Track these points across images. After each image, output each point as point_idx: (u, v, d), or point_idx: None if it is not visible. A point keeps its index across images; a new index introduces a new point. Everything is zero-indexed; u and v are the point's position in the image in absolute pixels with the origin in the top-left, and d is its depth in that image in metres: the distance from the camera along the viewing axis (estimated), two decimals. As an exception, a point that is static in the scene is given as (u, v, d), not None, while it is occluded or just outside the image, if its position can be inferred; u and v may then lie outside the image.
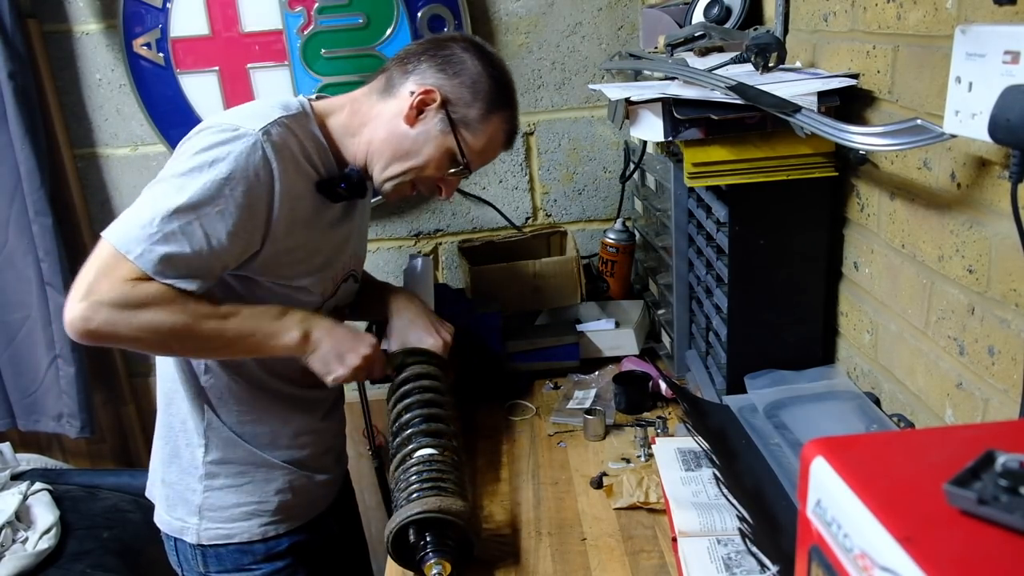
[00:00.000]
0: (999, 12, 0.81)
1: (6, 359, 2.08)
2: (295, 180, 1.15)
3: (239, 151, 1.08)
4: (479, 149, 1.26)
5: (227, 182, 1.08)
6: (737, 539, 1.03)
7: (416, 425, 1.22)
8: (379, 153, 1.24)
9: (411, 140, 1.22)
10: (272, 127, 1.12)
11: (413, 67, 1.23)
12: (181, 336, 1.10)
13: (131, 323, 1.06)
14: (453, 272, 2.18)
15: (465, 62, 1.23)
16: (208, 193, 1.07)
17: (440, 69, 1.22)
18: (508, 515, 1.24)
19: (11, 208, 1.95)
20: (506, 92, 1.27)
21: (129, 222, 1.06)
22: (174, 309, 1.07)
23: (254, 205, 1.11)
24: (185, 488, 1.30)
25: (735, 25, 1.49)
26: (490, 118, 1.24)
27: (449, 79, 1.22)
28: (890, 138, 0.92)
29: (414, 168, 1.24)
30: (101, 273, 1.05)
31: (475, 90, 1.23)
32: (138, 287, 1.05)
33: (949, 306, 0.98)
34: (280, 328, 1.16)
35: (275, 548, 1.33)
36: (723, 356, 1.34)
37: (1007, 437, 0.55)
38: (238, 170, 1.08)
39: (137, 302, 1.05)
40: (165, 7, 1.91)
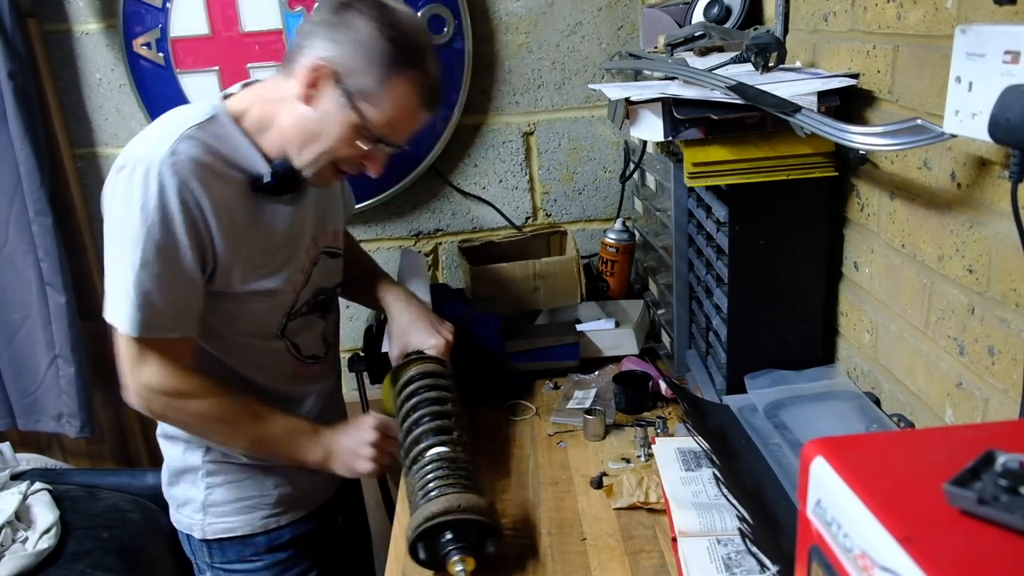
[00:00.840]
0: (999, 12, 0.81)
1: (6, 359, 2.08)
2: (220, 189, 1.14)
3: (157, 186, 1.08)
4: (387, 119, 1.15)
5: (164, 220, 1.09)
6: (737, 539, 1.03)
7: (426, 423, 1.22)
8: (289, 141, 1.17)
9: (314, 122, 1.15)
10: (178, 145, 1.10)
11: (308, 40, 1.14)
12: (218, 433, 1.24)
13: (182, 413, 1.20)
14: (453, 272, 2.18)
15: (356, 26, 1.11)
16: (156, 240, 1.09)
17: (330, 38, 1.12)
18: (508, 515, 1.24)
19: (11, 208, 1.94)
20: (408, 51, 1.13)
21: (112, 301, 1.13)
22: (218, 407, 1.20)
23: (194, 227, 1.12)
24: (189, 487, 1.33)
25: (735, 25, 1.49)
26: (391, 83, 1.12)
27: (339, 47, 1.12)
28: (890, 138, 0.92)
29: (325, 151, 1.17)
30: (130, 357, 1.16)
31: (368, 56, 1.11)
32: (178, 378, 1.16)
33: (949, 306, 0.98)
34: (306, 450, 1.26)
35: (277, 540, 1.35)
36: (723, 356, 1.34)
37: (1007, 437, 0.55)
38: (166, 203, 1.09)
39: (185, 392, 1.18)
40: (165, 7, 1.91)
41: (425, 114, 1.20)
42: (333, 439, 1.26)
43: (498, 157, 2.10)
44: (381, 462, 1.27)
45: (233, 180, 1.16)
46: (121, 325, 1.12)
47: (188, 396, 1.17)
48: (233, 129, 1.18)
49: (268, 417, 1.23)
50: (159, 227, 1.09)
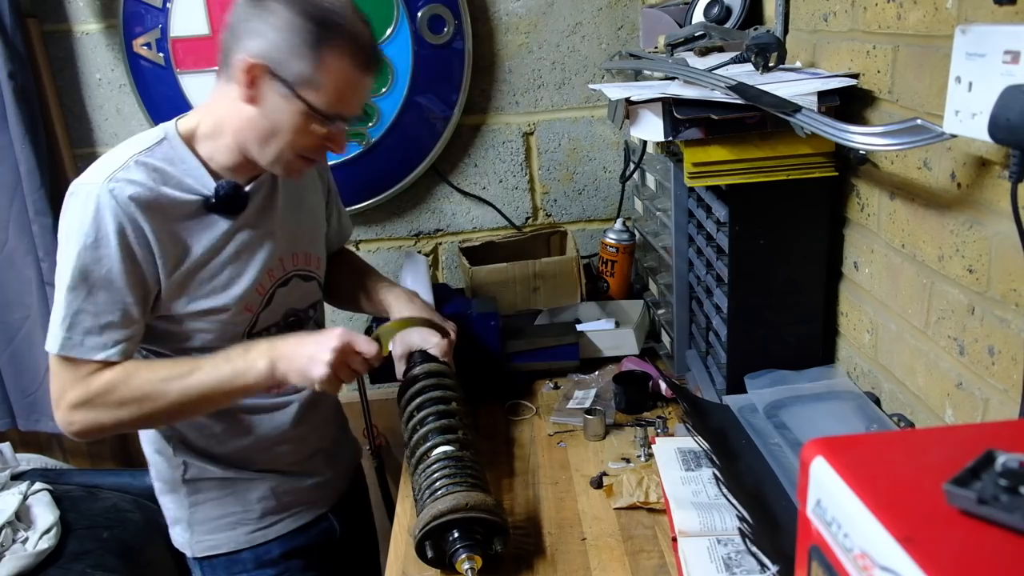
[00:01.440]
0: (999, 12, 0.81)
1: (6, 359, 2.08)
2: (166, 216, 1.13)
3: (94, 211, 1.09)
4: (333, 96, 1.12)
5: (96, 244, 1.10)
6: (737, 539, 1.03)
7: (431, 422, 1.22)
8: (246, 143, 1.15)
9: (264, 119, 1.13)
10: (120, 171, 1.11)
11: (234, 39, 1.11)
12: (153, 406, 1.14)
13: (106, 412, 1.14)
14: (453, 272, 2.18)
15: (274, 11, 1.08)
16: (84, 260, 1.10)
17: (254, 32, 1.09)
18: (509, 515, 1.24)
19: (11, 208, 1.94)
20: (326, 22, 1.09)
21: (53, 327, 1.13)
22: (134, 383, 1.13)
23: (132, 256, 1.11)
24: (176, 507, 1.34)
25: (735, 25, 1.49)
26: (323, 61, 1.09)
27: (265, 39, 1.08)
28: (890, 138, 0.92)
29: (284, 145, 1.14)
30: (59, 382, 1.14)
31: (292, 41, 1.08)
32: (92, 380, 1.12)
33: (949, 306, 0.98)
34: (245, 365, 1.14)
35: (265, 554, 1.33)
36: (723, 356, 1.34)
37: (1007, 437, 0.55)
38: (100, 230, 1.09)
39: (97, 392, 1.12)
40: (165, 7, 1.91)
41: (366, 77, 1.16)
42: (281, 344, 1.16)
43: (498, 157, 2.10)
44: (340, 374, 1.15)
45: (180, 201, 1.15)
46: (51, 345, 1.12)
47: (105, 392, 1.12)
48: (183, 150, 1.17)
49: (192, 366, 1.14)
50: (90, 251, 1.09)
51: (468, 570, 1.05)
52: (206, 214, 1.17)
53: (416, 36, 1.93)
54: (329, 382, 1.14)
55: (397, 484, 1.42)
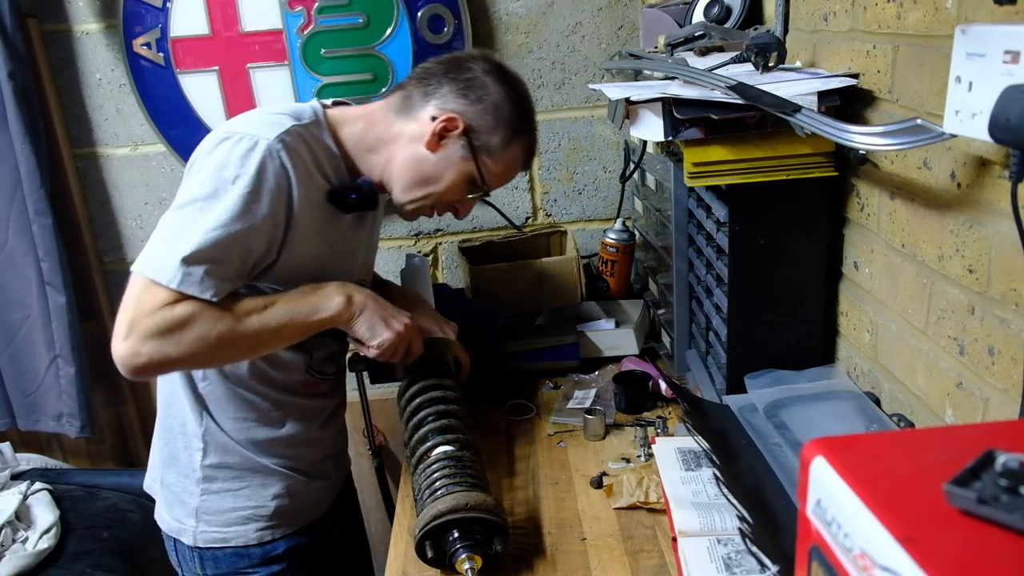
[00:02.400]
0: (999, 12, 0.81)
1: (6, 359, 2.08)
2: (310, 189, 1.15)
3: (257, 163, 1.09)
4: (499, 173, 1.26)
5: (251, 196, 1.08)
6: (737, 539, 1.03)
7: (431, 422, 1.22)
8: (399, 176, 1.23)
9: (431, 165, 1.21)
10: (286, 135, 1.12)
11: (434, 89, 1.21)
12: (228, 341, 1.10)
13: (179, 345, 1.07)
14: (453, 272, 2.18)
15: (487, 86, 1.21)
16: (234, 211, 1.07)
17: (462, 94, 1.20)
18: (508, 515, 1.24)
19: (11, 208, 1.94)
20: (528, 116, 1.26)
21: (157, 249, 1.08)
22: (215, 318, 1.08)
23: (276, 215, 1.11)
24: (183, 491, 1.31)
25: (735, 25, 1.49)
26: (512, 144, 1.24)
27: (471, 105, 1.20)
28: (890, 138, 0.92)
29: (434, 194, 1.24)
30: (137, 307, 1.06)
31: (497, 116, 1.21)
32: (175, 309, 1.06)
33: (949, 306, 0.98)
34: (321, 299, 1.17)
35: (271, 552, 1.33)
36: (723, 356, 1.34)
37: (1007, 437, 0.55)
38: (260, 182, 1.09)
39: (177, 323, 1.06)
40: (165, 7, 1.91)
41: (522, 172, 1.36)
42: (363, 292, 1.21)
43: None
44: (398, 348, 1.23)
45: (319, 184, 1.18)
46: (161, 275, 1.05)
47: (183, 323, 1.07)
48: (330, 138, 1.21)
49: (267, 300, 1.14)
50: (244, 200, 1.08)
51: (468, 570, 1.05)
52: (327, 204, 1.20)
53: (416, 36, 1.93)
54: (389, 346, 1.22)
55: (397, 484, 1.42)
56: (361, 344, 1.23)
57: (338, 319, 1.18)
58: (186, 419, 1.28)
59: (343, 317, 1.18)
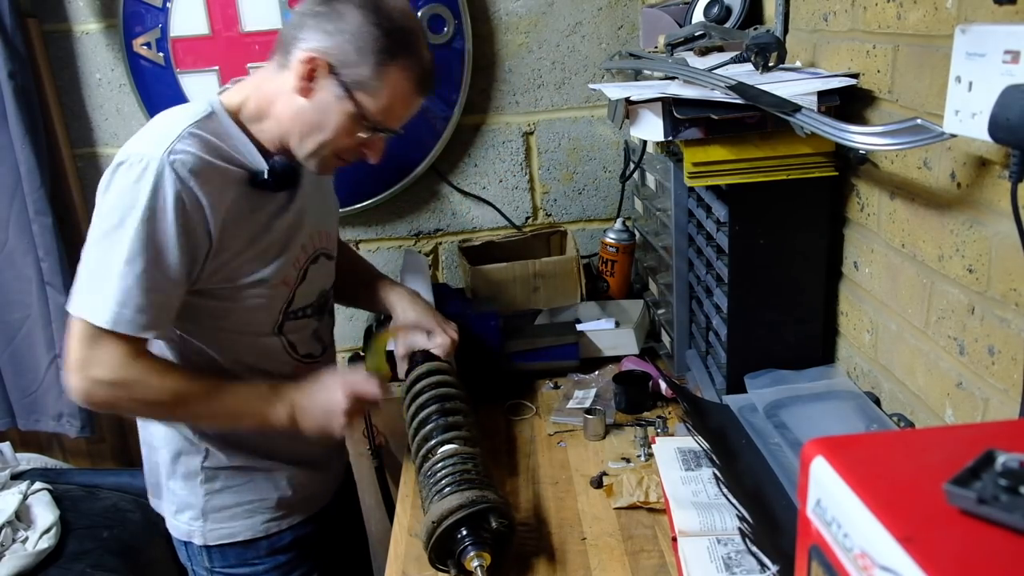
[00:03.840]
0: (999, 12, 0.81)
1: (6, 359, 2.08)
2: (219, 187, 1.13)
3: (151, 187, 1.08)
4: (384, 107, 1.16)
5: (154, 218, 1.08)
6: (737, 539, 1.03)
7: (435, 421, 1.22)
8: (289, 132, 1.18)
9: (312, 113, 1.15)
10: (177, 143, 1.10)
11: (298, 31, 1.14)
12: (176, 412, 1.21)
13: (129, 402, 1.16)
14: (453, 272, 2.18)
15: (344, 16, 1.12)
16: (144, 237, 1.08)
17: (323, 30, 1.12)
18: (508, 515, 1.24)
19: (11, 208, 1.94)
20: (399, 38, 1.14)
21: (86, 291, 1.11)
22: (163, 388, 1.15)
23: (188, 228, 1.11)
24: (188, 494, 1.31)
25: (735, 25, 1.49)
26: (386, 71, 1.13)
27: (333, 38, 1.12)
28: (890, 138, 0.92)
29: (325, 142, 1.17)
30: (88, 352, 1.10)
31: (360, 46, 1.11)
32: (130, 366, 1.11)
33: (949, 306, 0.98)
34: (267, 411, 1.20)
35: (278, 542, 1.34)
36: (723, 356, 1.34)
37: (1007, 437, 0.55)
38: (156, 204, 1.08)
39: (129, 383, 1.12)
40: (165, 7, 1.90)
41: (420, 99, 1.21)
42: (299, 397, 1.21)
43: (498, 157, 2.10)
44: (355, 417, 1.23)
45: (231, 175, 1.16)
46: (94, 316, 1.09)
47: (135, 384, 1.12)
48: (230, 124, 1.18)
49: (220, 390, 1.19)
50: (150, 225, 1.08)
51: (477, 568, 1.04)
52: (251, 189, 1.18)
53: (416, 36, 1.93)
54: (345, 427, 1.23)
55: (397, 484, 1.43)
56: None
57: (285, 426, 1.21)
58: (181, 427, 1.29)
59: (291, 425, 1.21)
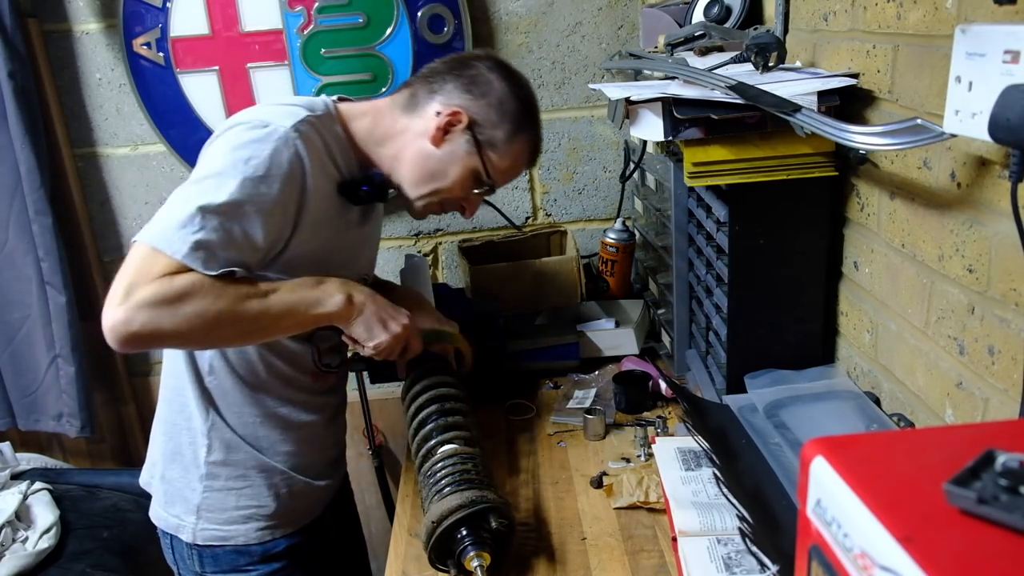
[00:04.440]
0: (999, 12, 0.81)
1: (6, 359, 2.08)
2: (322, 180, 1.16)
3: (273, 148, 1.09)
4: (504, 169, 1.26)
5: (263, 180, 1.08)
6: (737, 539, 1.03)
7: (434, 421, 1.22)
8: (407, 171, 1.24)
9: (437, 160, 1.22)
10: (302, 124, 1.13)
11: (439, 86, 1.23)
12: (226, 321, 1.07)
13: (174, 318, 1.02)
14: (453, 272, 2.18)
15: (491, 82, 1.23)
16: (245, 191, 1.07)
17: (466, 89, 1.22)
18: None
19: (11, 207, 1.94)
20: (532, 112, 1.27)
21: (163, 221, 1.05)
22: (215, 295, 1.04)
23: (287, 202, 1.11)
24: (184, 486, 1.30)
25: (735, 25, 1.49)
26: (516, 139, 1.24)
27: (475, 100, 1.22)
28: (890, 138, 0.92)
29: (440, 189, 1.25)
30: (137, 274, 1.02)
31: (501, 111, 1.22)
32: (176, 280, 1.02)
33: (949, 306, 0.98)
34: (323, 294, 1.15)
35: (272, 550, 1.33)
36: (723, 356, 1.34)
37: (1007, 437, 0.55)
38: (273, 167, 1.09)
39: (177, 295, 1.02)
40: (165, 7, 1.90)
41: (528, 168, 1.36)
42: (363, 291, 1.19)
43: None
44: (394, 348, 1.23)
45: (331, 175, 1.19)
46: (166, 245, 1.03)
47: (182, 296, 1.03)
48: (340, 130, 1.23)
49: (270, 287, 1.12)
50: (255, 182, 1.07)
51: (477, 568, 1.04)
52: (337, 195, 1.21)
53: (416, 36, 1.93)
54: (386, 348, 1.21)
55: (397, 484, 1.42)
56: (356, 343, 1.22)
57: (338, 317, 1.17)
58: (191, 414, 1.27)
59: (343, 315, 1.17)
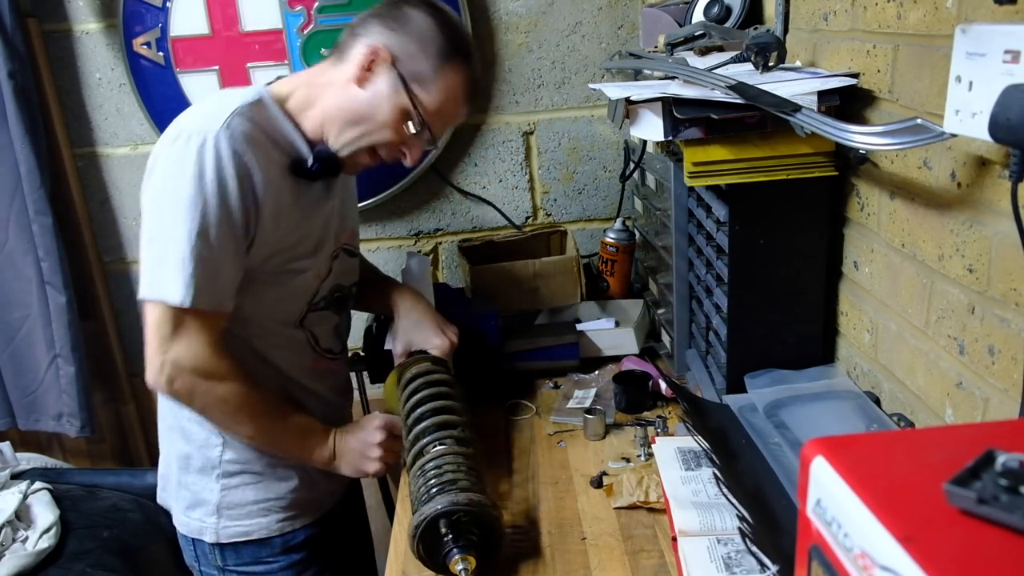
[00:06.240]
0: (999, 11, 0.81)
1: (6, 359, 2.08)
2: (267, 168, 1.16)
3: (214, 156, 1.10)
4: (436, 106, 1.21)
5: (220, 191, 1.10)
6: (737, 539, 1.03)
7: (428, 422, 1.22)
8: (332, 120, 1.21)
9: (362, 102, 1.19)
10: (231, 119, 1.13)
11: (362, 29, 1.21)
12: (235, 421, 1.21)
13: (207, 392, 1.16)
14: (453, 272, 2.18)
15: (415, 18, 1.20)
16: (211, 210, 1.10)
17: (389, 27, 1.19)
18: (508, 515, 1.24)
19: (11, 207, 1.94)
20: (459, 43, 1.22)
21: (161, 273, 1.10)
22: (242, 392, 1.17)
23: (244, 199, 1.13)
24: (203, 488, 1.31)
25: (735, 24, 1.49)
26: (443, 71, 1.19)
27: (398, 35, 1.19)
28: (890, 137, 0.92)
29: (369, 131, 1.21)
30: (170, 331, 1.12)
31: (425, 44, 1.19)
32: (214, 357, 1.14)
33: (949, 305, 0.98)
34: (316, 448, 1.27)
35: (291, 541, 1.35)
36: (723, 355, 1.34)
37: (1007, 437, 0.55)
38: (222, 174, 1.10)
39: (213, 372, 1.14)
40: (165, 6, 1.90)
41: (465, 108, 1.27)
42: (341, 440, 1.28)
43: (498, 157, 2.10)
44: (387, 461, 1.29)
45: (277, 160, 1.19)
46: (171, 295, 1.09)
47: (215, 378, 1.15)
48: (277, 111, 1.22)
49: (286, 412, 1.25)
50: (216, 197, 1.10)
51: (462, 571, 1.05)
52: (292, 177, 1.21)
53: (416, 36, 1.93)
54: (381, 467, 1.30)
55: (397, 484, 1.43)
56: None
57: (323, 465, 1.29)
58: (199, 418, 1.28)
59: (328, 465, 1.29)
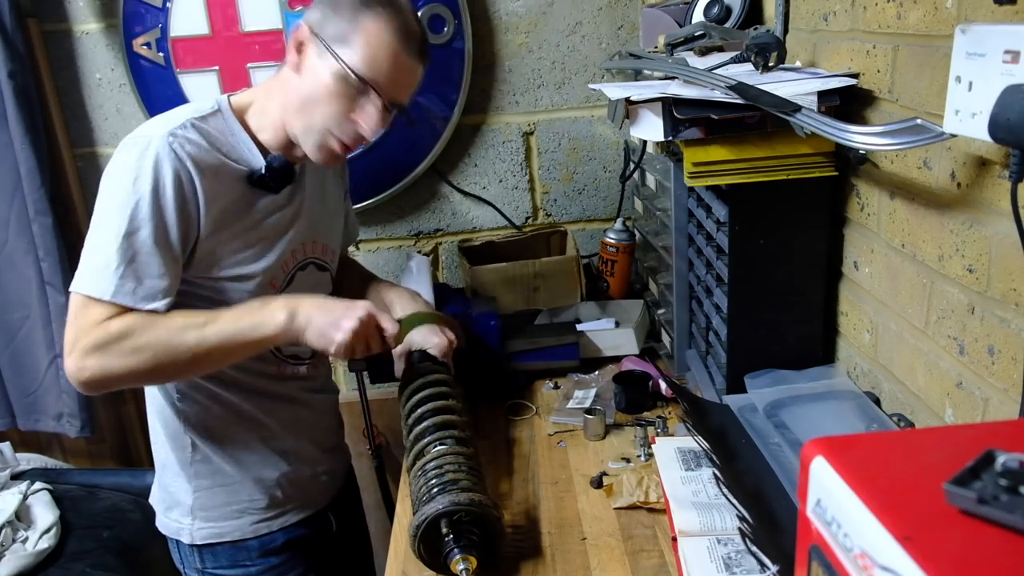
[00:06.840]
0: (999, 11, 0.81)
1: (6, 359, 2.08)
2: (213, 178, 1.16)
3: (152, 161, 1.11)
4: (366, 59, 1.14)
5: (153, 194, 1.11)
6: (737, 539, 1.03)
7: (428, 422, 1.22)
8: (288, 115, 1.20)
9: (305, 85, 1.17)
10: (178, 130, 1.14)
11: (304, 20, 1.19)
12: (167, 355, 1.11)
13: (119, 358, 1.09)
14: (453, 272, 2.18)
15: None
16: (142, 211, 1.10)
17: (310, 8, 1.19)
18: (508, 515, 1.24)
19: (11, 208, 1.94)
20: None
21: (86, 268, 1.12)
22: (152, 331, 1.11)
23: (184, 206, 1.13)
24: (178, 490, 1.32)
25: (735, 25, 1.49)
26: (361, 21, 1.13)
27: (314, 9, 1.17)
28: (890, 138, 0.92)
29: (320, 110, 1.16)
30: (78, 323, 1.10)
31: (336, 3, 1.15)
32: (112, 324, 1.10)
33: (949, 306, 0.98)
34: (263, 316, 1.14)
35: (269, 544, 1.34)
36: (723, 356, 1.34)
37: (1007, 437, 0.55)
38: (158, 178, 1.11)
39: (115, 337, 1.09)
40: (165, 7, 1.90)
41: (405, 57, 1.17)
42: (305, 302, 1.17)
43: (498, 157, 2.10)
44: (357, 344, 1.17)
45: (229, 169, 1.19)
46: (95, 290, 1.09)
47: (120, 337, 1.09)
48: (233, 122, 1.21)
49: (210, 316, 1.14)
50: (150, 198, 1.10)
51: (463, 571, 1.05)
52: (248, 186, 1.21)
53: (416, 36, 1.93)
54: (345, 349, 1.16)
55: (397, 484, 1.42)
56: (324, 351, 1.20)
57: (284, 336, 1.15)
58: (168, 419, 1.29)
59: (290, 334, 1.15)
